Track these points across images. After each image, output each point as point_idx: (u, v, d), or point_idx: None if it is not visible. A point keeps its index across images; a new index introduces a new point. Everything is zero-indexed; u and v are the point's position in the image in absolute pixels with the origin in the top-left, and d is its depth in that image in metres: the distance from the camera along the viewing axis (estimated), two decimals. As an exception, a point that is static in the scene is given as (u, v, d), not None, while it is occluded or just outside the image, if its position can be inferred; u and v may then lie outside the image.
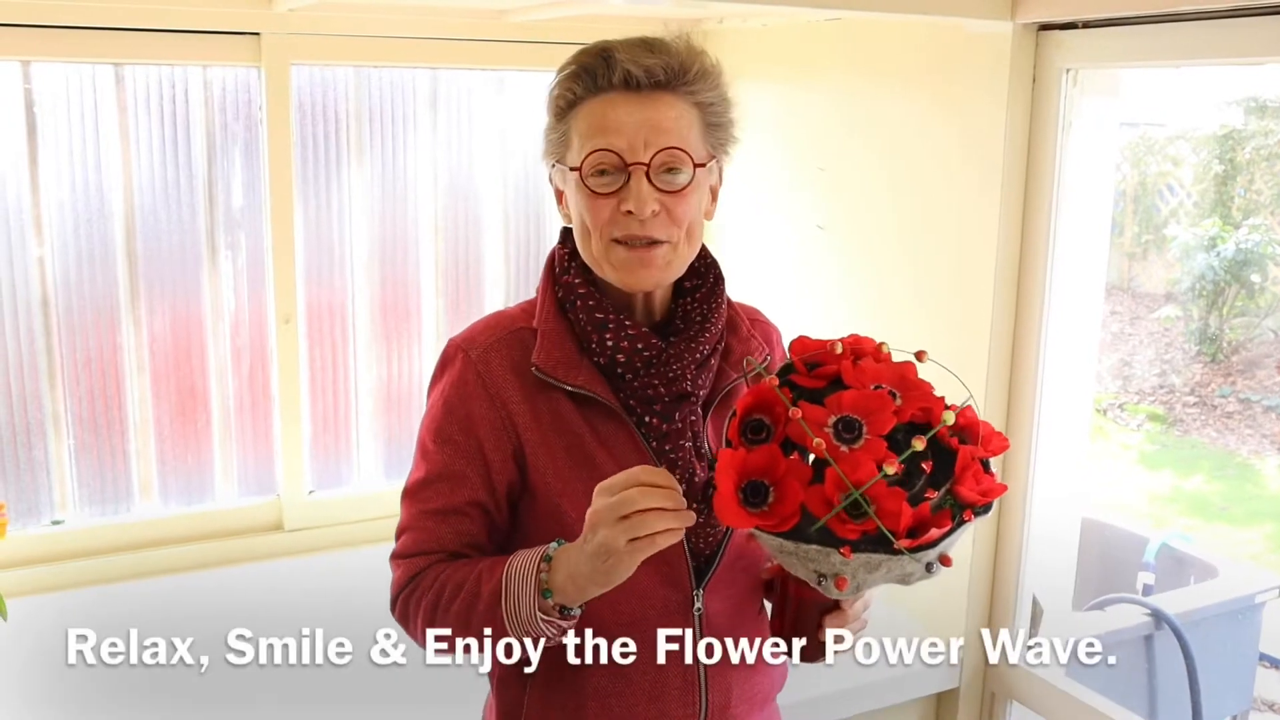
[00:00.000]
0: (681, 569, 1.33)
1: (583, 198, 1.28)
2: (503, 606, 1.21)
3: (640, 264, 1.28)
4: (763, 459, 1.11)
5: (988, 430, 1.15)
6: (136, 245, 2.52)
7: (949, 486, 1.11)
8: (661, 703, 1.34)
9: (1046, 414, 2.18)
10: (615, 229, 1.27)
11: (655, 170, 1.26)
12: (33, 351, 2.47)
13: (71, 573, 2.49)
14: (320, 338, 2.74)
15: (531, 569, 1.21)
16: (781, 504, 1.10)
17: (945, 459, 1.12)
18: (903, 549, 1.06)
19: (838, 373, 1.16)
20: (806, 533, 1.09)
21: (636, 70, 1.25)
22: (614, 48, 1.27)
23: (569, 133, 1.29)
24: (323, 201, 2.68)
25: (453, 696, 1.64)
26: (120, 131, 2.47)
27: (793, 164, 2.59)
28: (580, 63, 1.28)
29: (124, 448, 2.60)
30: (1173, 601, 3.39)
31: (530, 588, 1.20)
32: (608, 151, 1.25)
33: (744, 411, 1.16)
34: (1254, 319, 8.34)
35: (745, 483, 1.11)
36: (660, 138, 1.26)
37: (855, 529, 1.07)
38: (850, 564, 1.08)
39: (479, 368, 1.32)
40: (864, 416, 1.11)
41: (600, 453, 1.31)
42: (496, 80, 2.81)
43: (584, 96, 1.28)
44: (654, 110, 1.26)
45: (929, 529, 1.08)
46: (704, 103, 1.30)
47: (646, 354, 1.31)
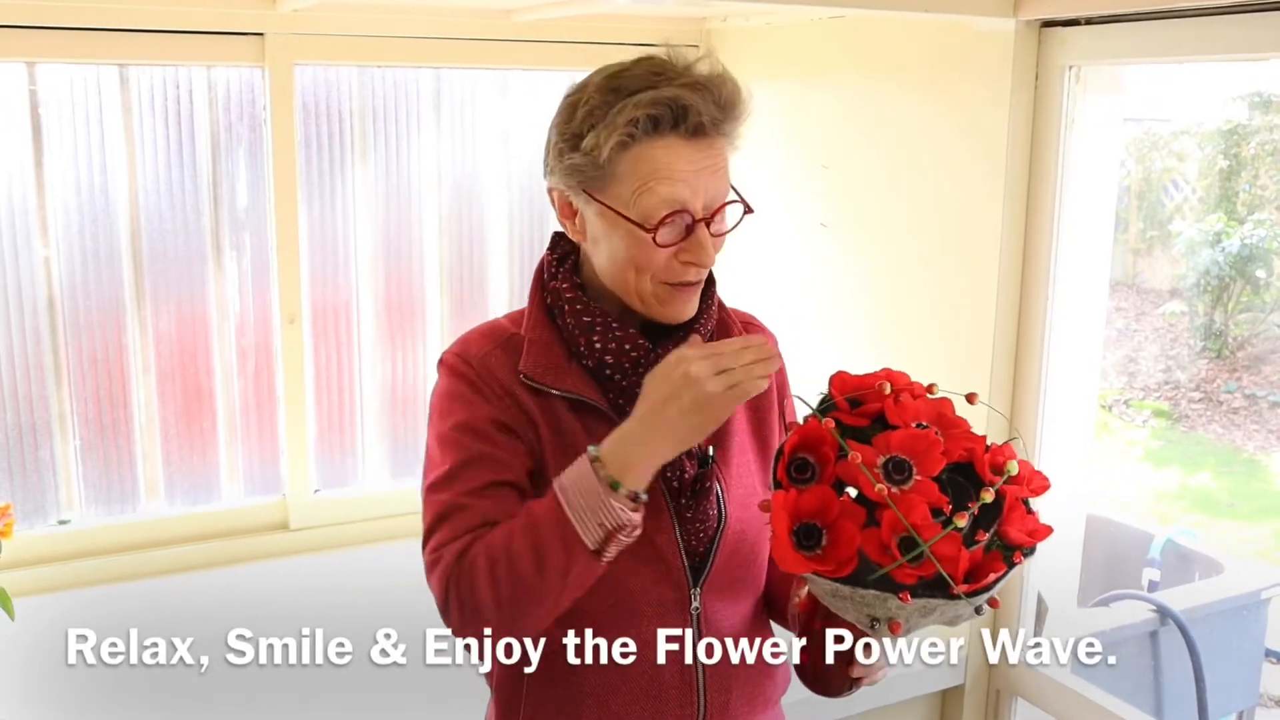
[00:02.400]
0: (677, 567, 1.33)
1: (639, 247, 1.26)
2: (570, 519, 1.18)
3: (684, 300, 1.31)
4: (815, 501, 1.11)
5: (1028, 469, 1.15)
6: (142, 246, 2.53)
7: (996, 528, 1.11)
8: (659, 702, 1.34)
9: (1051, 410, 2.18)
10: (670, 275, 1.28)
11: (712, 220, 1.28)
12: (39, 352, 2.48)
13: (78, 572, 2.50)
14: (325, 337, 2.75)
15: (587, 473, 1.19)
16: (837, 548, 1.10)
17: (990, 501, 1.13)
18: (961, 594, 1.07)
19: (880, 410, 1.16)
20: (864, 579, 1.09)
21: (708, 124, 1.25)
22: (686, 102, 1.23)
23: (617, 172, 1.25)
24: (327, 201, 2.68)
25: (456, 697, 1.64)
26: (125, 132, 2.47)
27: (796, 162, 2.58)
28: (649, 113, 1.23)
29: (130, 448, 2.61)
30: (1178, 598, 3.39)
31: (596, 487, 1.18)
32: (684, 212, 1.25)
33: (790, 450, 1.15)
34: (1259, 314, 8.33)
35: (798, 525, 1.11)
36: (720, 190, 1.28)
37: (913, 574, 1.07)
38: (906, 609, 1.09)
39: (480, 371, 1.32)
40: (913, 458, 1.11)
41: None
42: (501, 80, 2.81)
43: (641, 139, 1.24)
44: (710, 158, 1.26)
45: (985, 573, 1.08)
46: (733, 135, 1.31)
47: (634, 354, 1.31)
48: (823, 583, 1.12)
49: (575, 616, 1.29)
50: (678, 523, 1.33)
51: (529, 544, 1.19)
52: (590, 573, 1.20)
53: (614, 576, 1.29)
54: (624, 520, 1.18)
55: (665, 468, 1.30)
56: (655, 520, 1.31)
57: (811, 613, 1.30)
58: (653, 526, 1.31)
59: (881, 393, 1.16)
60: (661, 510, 1.32)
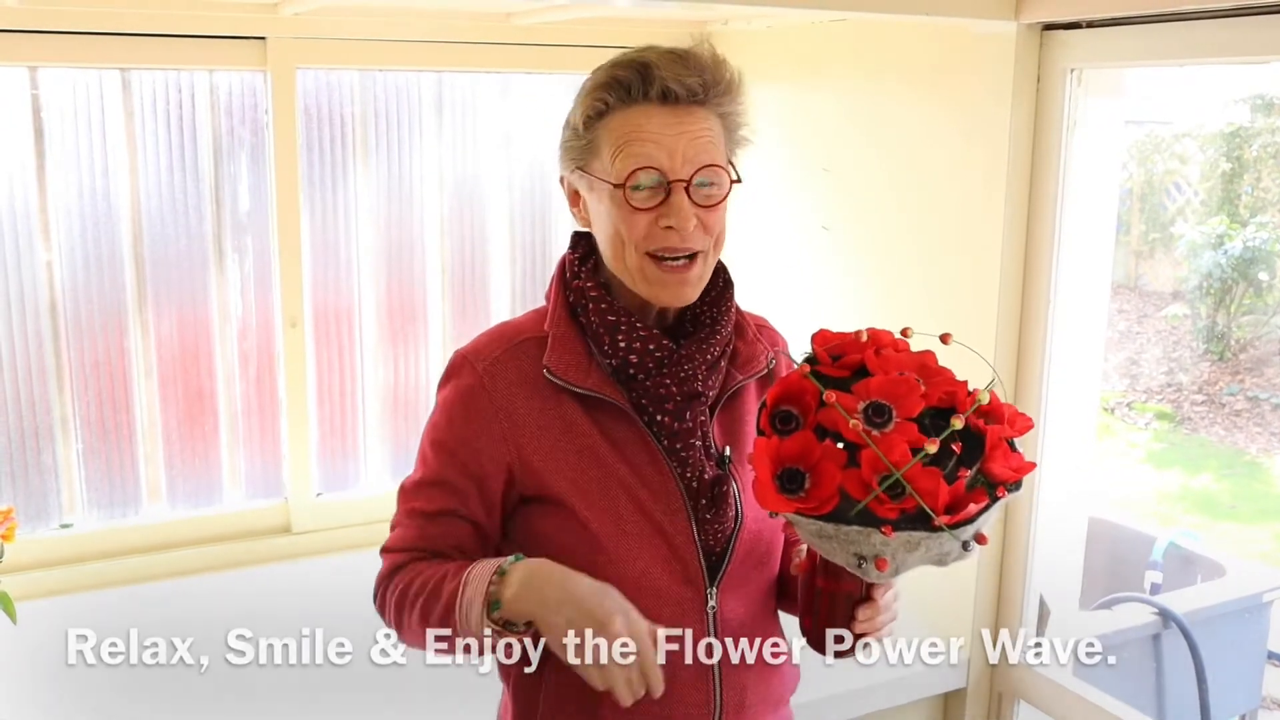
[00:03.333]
0: (694, 567, 1.34)
1: (619, 211, 1.29)
2: (457, 610, 1.24)
3: (678, 283, 1.31)
4: (797, 446, 1.14)
5: (1012, 412, 1.17)
6: (144, 250, 2.53)
7: (980, 466, 1.14)
8: (677, 700, 1.34)
9: (1053, 413, 2.18)
10: (652, 243, 1.29)
11: (694, 185, 1.28)
12: (41, 356, 2.48)
13: (80, 576, 2.50)
14: (327, 341, 2.75)
15: (484, 579, 1.23)
16: (819, 488, 1.12)
17: (973, 441, 1.15)
18: (943, 525, 1.08)
19: (861, 362, 1.18)
20: (846, 515, 1.11)
21: (676, 86, 1.26)
22: (651, 62, 1.27)
23: (597, 141, 1.29)
24: (329, 205, 2.68)
25: (460, 698, 1.64)
26: (127, 136, 2.48)
27: (798, 164, 2.59)
28: (613, 74, 1.28)
29: (132, 451, 2.61)
30: (1180, 600, 3.38)
31: (479, 598, 1.22)
32: (651, 169, 1.26)
33: (773, 402, 1.18)
34: (1261, 316, 8.33)
35: (781, 470, 1.13)
36: (699, 154, 1.28)
37: (894, 508, 1.09)
38: (891, 544, 1.10)
39: (484, 380, 1.34)
40: (892, 401, 1.14)
41: (611, 454, 1.33)
42: (502, 83, 2.81)
43: (616, 106, 1.28)
44: (689, 124, 1.27)
45: (966, 506, 1.10)
46: (727, 113, 1.32)
47: (658, 354, 1.32)
48: (807, 524, 1.13)
49: None
50: (695, 523, 1.34)
51: (425, 606, 1.27)
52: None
53: (631, 576, 1.31)
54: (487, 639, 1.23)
55: (685, 468, 1.34)
56: (673, 520, 1.33)
57: (812, 572, 1.31)
58: (670, 526, 1.33)
59: (860, 342, 1.19)
60: (679, 510, 1.33)
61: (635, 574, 1.31)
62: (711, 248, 1.32)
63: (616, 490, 1.32)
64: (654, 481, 1.33)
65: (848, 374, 1.18)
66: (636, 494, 1.33)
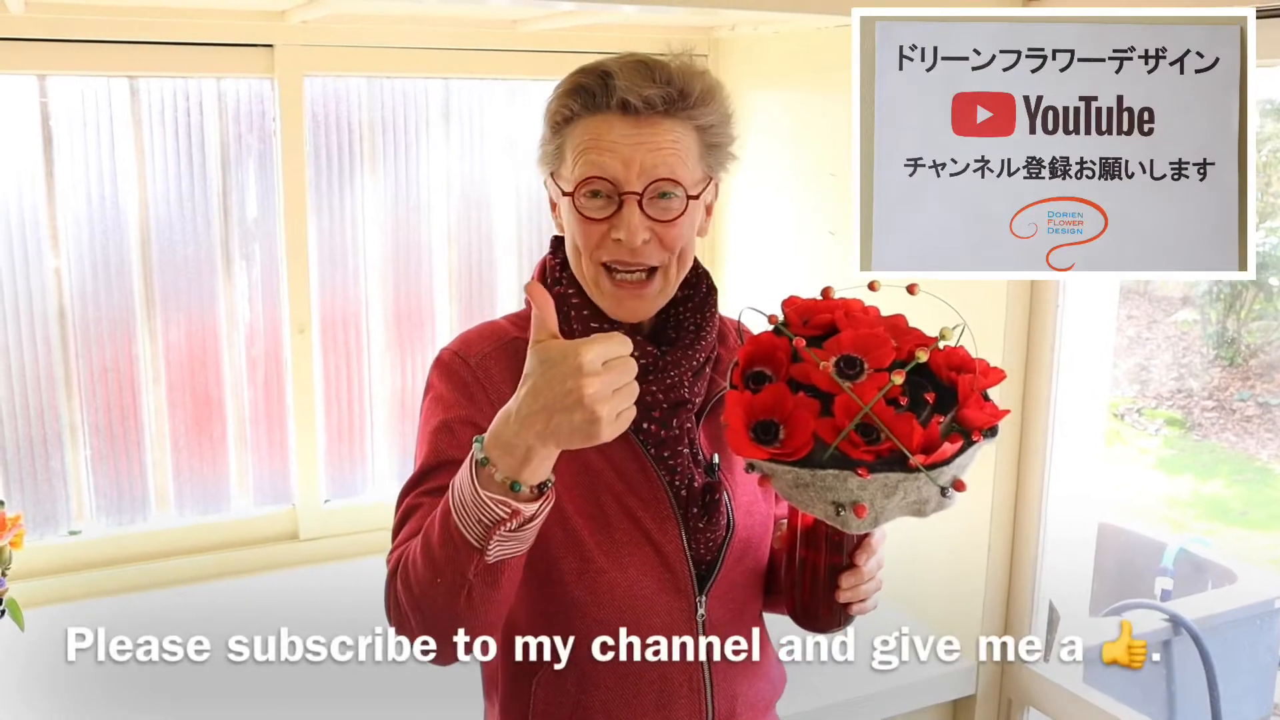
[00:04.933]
0: (684, 576, 1.33)
1: (574, 219, 1.28)
2: (452, 513, 1.11)
3: (631, 298, 1.29)
4: (770, 398, 1.14)
5: (984, 365, 1.17)
6: (152, 256, 2.54)
7: (955, 413, 1.14)
8: (668, 711, 1.34)
9: (1062, 419, 2.17)
10: (604, 253, 1.27)
11: (648, 198, 1.25)
12: (49, 362, 2.49)
13: (88, 583, 2.50)
14: (335, 347, 2.75)
15: (468, 466, 1.11)
16: (793, 436, 1.12)
17: (947, 393, 1.16)
18: (919, 465, 1.08)
19: (832, 323, 1.19)
20: (821, 459, 1.11)
21: (634, 99, 1.23)
22: (613, 71, 1.25)
23: (563, 147, 1.28)
24: (336, 212, 2.69)
25: (459, 697, 1.64)
26: (135, 144, 2.49)
27: (804, 170, 2.58)
28: (578, 81, 1.26)
29: (140, 458, 2.61)
30: (1191, 607, 3.37)
31: (467, 481, 1.10)
32: (600, 179, 1.24)
33: (746, 361, 1.18)
34: (1272, 322, 8.29)
35: (755, 423, 1.13)
36: (655, 166, 1.24)
37: (870, 451, 1.10)
38: (868, 487, 1.10)
39: (477, 373, 1.32)
40: (863, 354, 1.15)
41: (598, 460, 1.31)
42: (508, 90, 2.82)
43: (580, 114, 1.26)
44: (650, 135, 1.25)
45: (941, 448, 1.10)
46: (704, 125, 1.29)
47: (643, 362, 1.30)
48: (783, 472, 1.13)
49: (582, 624, 1.30)
50: (685, 531, 1.33)
51: (424, 546, 1.15)
52: (488, 574, 1.12)
53: (621, 584, 1.30)
54: (499, 515, 1.08)
55: (673, 476, 1.32)
56: (662, 528, 1.32)
57: (793, 544, 1.30)
58: (660, 535, 1.32)
59: (830, 302, 1.21)
60: (668, 519, 1.32)
61: (625, 582, 1.30)
62: (674, 262, 1.29)
63: (605, 496, 1.31)
64: (643, 489, 1.32)
65: (820, 333, 1.19)
66: (625, 501, 1.31)
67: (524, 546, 1.13)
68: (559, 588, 1.31)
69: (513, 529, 1.10)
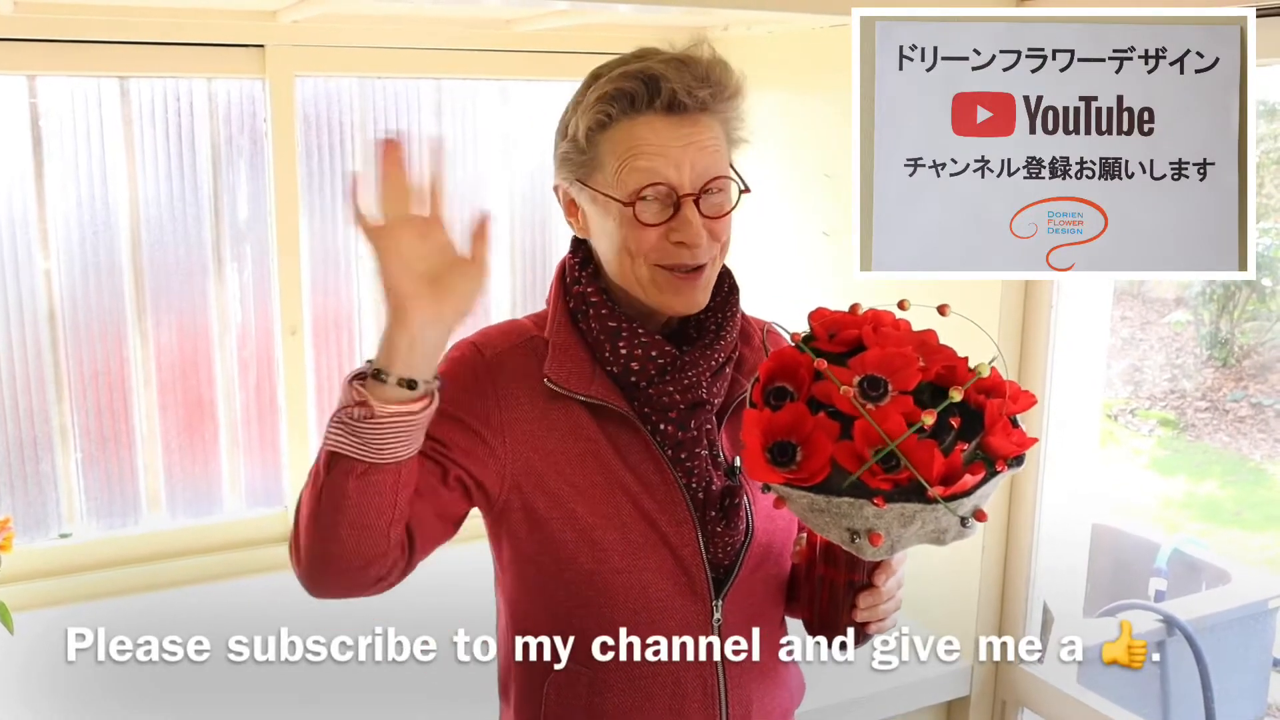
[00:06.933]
0: (701, 580, 1.32)
1: (627, 227, 1.26)
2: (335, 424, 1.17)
3: (688, 289, 1.28)
4: (789, 418, 1.11)
5: (1014, 389, 1.14)
6: (142, 258, 2.52)
7: (980, 440, 1.11)
8: (681, 715, 1.33)
9: (1055, 420, 2.17)
10: (663, 257, 1.26)
11: (702, 198, 1.25)
12: (40, 365, 2.47)
13: (79, 586, 2.49)
14: (326, 348, 2.74)
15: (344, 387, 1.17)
16: (810, 460, 1.09)
17: (973, 417, 1.12)
18: (937, 497, 1.05)
19: (859, 338, 1.16)
20: (837, 486, 1.08)
21: (686, 98, 1.23)
22: (659, 73, 1.24)
23: (600, 155, 1.26)
24: (328, 213, 2.68)
25: (460, 698, 1.63)
26: (126, 144, 2.47)
27: (799, 170, 2.58)
28: (620, 86, 1.24)
29: (131, 460, 2.60)
30: (1185, 608, 3.37)
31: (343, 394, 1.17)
32: (660, 185, 1.23)
33: (767, 377, 1.15)
34: (1266, 323, 8.31)
35: (772, 443, 1.11)
36: (707, 167, 1.25)
37: (887, 480, 1.07)
38: (884, 516, 1.08)
39: (491, 366, 1.31)
40: (888, 375, 1.11)
41: (615, 459, 1.30)
42: (500, 90, 2.81)
43: (619, 118, 1.24)
44: (695, 135, 1.24)
45: (962, 478, 1.07)
46: (728, 118, 1.29)
47: (661, 361, 1.29)
48: (799, 496, 1.10)
49: (598, 626, 1.29)
50: (702, 534, 1.31)
51: (313, 475, 1.18)
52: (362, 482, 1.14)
53: (636, 587, 1.29)
54: (348, 398, 1.14)
55: (690, 478, 1.31)
56: (678, 531, 1.30)
57: (811, 559, 1.29)
58: (676, 537, 1.30)
59: (858, 317, 1.17)
60: (685, 521, 1.31)
61: (639, 584, 1.29)
62: (720, 253, 1.30)
63: (620, 496, 1.29)
64: (659, 490, 1.30)
65: (844, 350, 1.16)
66: (641, 502, 1.29)
67: (367, 449, 1.14)
68: (573, 588, 1.30)
69: (356, 419, 1.14)
